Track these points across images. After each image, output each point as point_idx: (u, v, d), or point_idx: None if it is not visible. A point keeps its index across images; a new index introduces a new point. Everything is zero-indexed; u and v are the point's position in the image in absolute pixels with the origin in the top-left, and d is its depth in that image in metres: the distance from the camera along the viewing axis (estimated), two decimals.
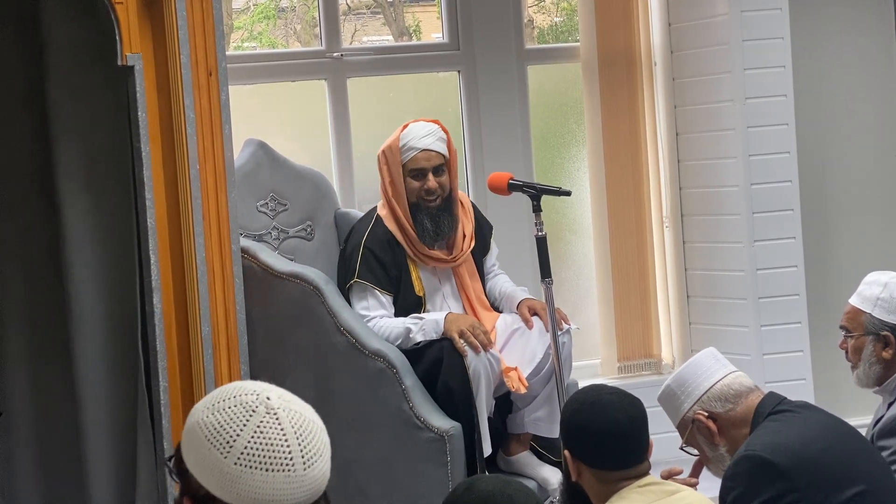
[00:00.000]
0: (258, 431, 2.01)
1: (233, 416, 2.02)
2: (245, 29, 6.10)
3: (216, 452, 2.00)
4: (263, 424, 2.01)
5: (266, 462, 1.99)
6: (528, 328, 4.79)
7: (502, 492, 2.41)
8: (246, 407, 2.03)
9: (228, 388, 2.08)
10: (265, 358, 4.65)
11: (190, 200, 4.06)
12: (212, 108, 4.11)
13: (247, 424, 2.01)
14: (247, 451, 2.00)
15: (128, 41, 4.01)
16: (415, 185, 4.79)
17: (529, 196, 4.60)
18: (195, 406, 2.08)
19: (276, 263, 4.72)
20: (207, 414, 2.04)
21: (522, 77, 6.03)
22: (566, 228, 6.24)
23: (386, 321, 4.70)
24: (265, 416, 2.02)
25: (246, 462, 1.99)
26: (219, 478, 1.99)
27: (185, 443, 2.05)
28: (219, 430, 2.02)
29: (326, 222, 5.19)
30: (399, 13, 6.25)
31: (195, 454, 2.02)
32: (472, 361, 4.55)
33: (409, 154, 4.78)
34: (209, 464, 2.00)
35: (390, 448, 4.57)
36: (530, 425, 4.83)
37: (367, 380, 4.57)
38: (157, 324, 4.07)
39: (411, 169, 4.78)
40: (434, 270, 4.87)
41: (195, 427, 2.04)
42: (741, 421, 3.37)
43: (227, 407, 2.03)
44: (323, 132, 5.82)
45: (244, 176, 4.86)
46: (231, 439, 2.00)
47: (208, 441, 2.01)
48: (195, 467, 2.02)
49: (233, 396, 2.05)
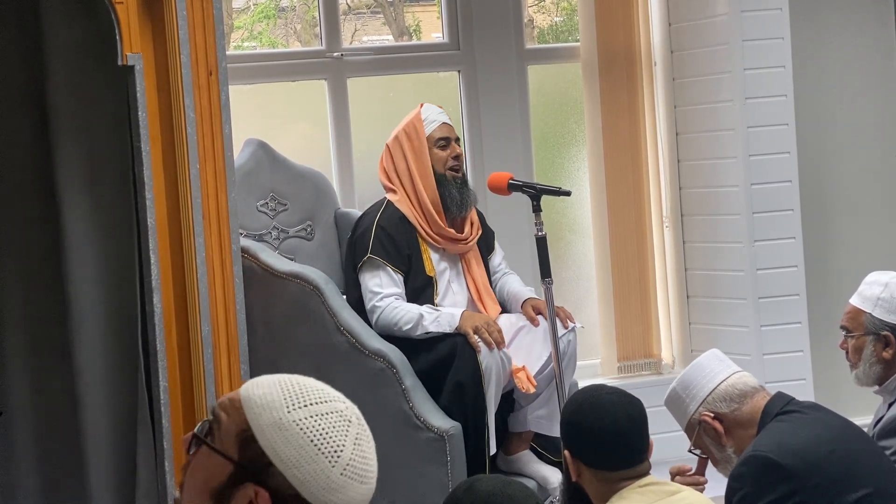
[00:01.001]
0: (357, 444, 1.99)
1: (335, 425, 1.98)
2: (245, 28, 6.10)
3: (324, 460, 1.96)
4: (360, 437, 2.00)
5: (363, 475, 1.98)
6: (533, 326, 4.82)
7: (503, 492, 2.41)
8: (342, 416, 2.00)
9: (306, 384, 2.02)
10: (265, 358, 4.64)
11: (190, 200, 4.06)
12: (212, 108, 4.11)
13: (348, 435, 1.98)
14: (352, 463, 1.97)
15: (128, 41, 4.01)
16: (442, 155, 4.86)
17: (529, 196, 4.61)
18: (268, 400, 1.99)
19: (276, 263, 4.72)
20: (305, 417, 1.98)
21: (522, 77, 6.03)
22: (566, 228, 6.24)
23: (401, 303, 4.71)
24: (359, 427, 2.01)
25: (350, 474, 1.97)
26: (324, 485, 1.96)
27: (273, 438, 1.97)
28: (325, 437, 1.97)
29: (326, 222, 5.19)
30: (399, 13, 6.25)
31: (293, 454, 1.96)
32: (486, 359, 4.56)
33: (432, 126, 4.90)
34: (314, 469, 1.96)
35: (390, 448, 4.57)
36: (533, 423, 4.84)
37: (367, 379, 4.57)
38: (158, 323, 4.07)
39: (438, 138, 4.89)
40: (444, 254, 4.89)
41: (292, 427, 1.98)
42: (748, 421, 3.36)
43: (324, 412, 1.99)
44: (323, 132, 5.82)
45: (244, 176, 4.86)
46: (339, 448, 1.97)
47: (315, 446, 1.96)
48: (292, 468, 1.96)
49: (324, 402, 2.00)
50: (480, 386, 4.56)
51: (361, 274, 4.77)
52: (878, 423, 3.73)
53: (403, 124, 4.93)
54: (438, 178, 4.85)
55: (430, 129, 4.89)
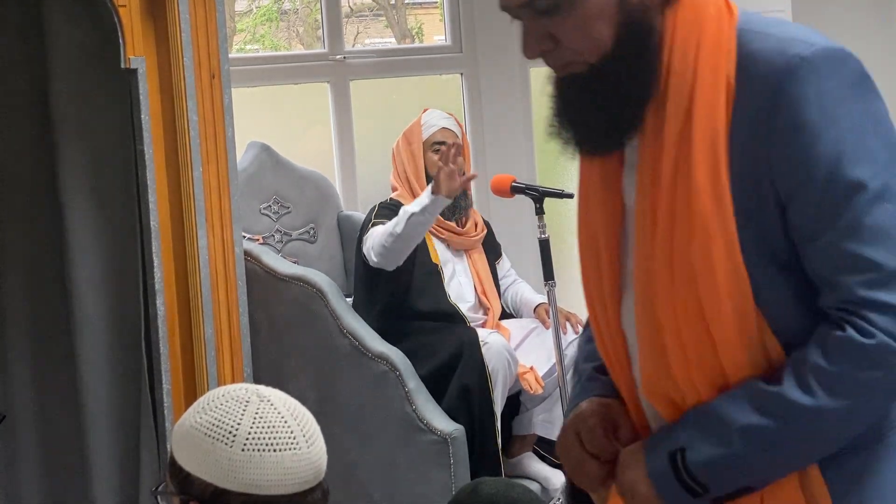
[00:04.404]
0: (258, 417, 2.05)
1: (228, 410, 2.06)
2: (248, 31, 6.10)
3: (221, 444, 2.03)
4: (261, 410, 2.06)
5: (272, 443, 2.04)
6: (545, 328, 4.86)
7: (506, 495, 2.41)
8: (238, 400, 2.07)
9: (212, 393, 2.12)
10: (268, 360, 4.65)
11: (193, 203, 4.06)
12: (215, 111, 4.11)
13: (245, 413, 2.05)
14: (251, 435, 2.03)
15: (131, 44, 4.01)
16: (436, 159, 4.87)
17: (532, 199, 4.61)
18: (179, 421, 2.11)
19: (279, 266, 4.72)
20: (199, 416, 2.07)
21: (525, 79, 6.03)
22: (569, 231, 6.24)
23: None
24: (259, 403, 2.07)
25: (253, 446, 2.03)
26: (228, 468, 2.02)
27: (180, 450, 2.06)
28: (217, 424, 2.05)
29: (329, 225, 5.20)
30: (401, 15, 6.26)
31: (196, 454, 2.04)
32: (492, 361, 4.59)
33: (430, 130, 4.99)
34: (215, 457, 2.02)
35: (393, 451, 4.57)
36: (538, 426, 4.85)
37: (370, 382, 4.57)
38: (161, 326, 4.07)
39: (433, 143, 4.96)
40: (448, 245, 4.97)
41: (190, 430, 2.06)
42: None
43: (218, 405, 2.07)
44: (326, 135, 5.82)
45: (247, 179, 4.87)
46: (233, 428, 2.04)
47: (209, 437, 2.03)
48: (199, 467, 2.03)
49: (220, 396, 2.10)
50: (487, 388, 4.58)
51: (364, 242, 4.78)
52: None
53: (405, 130, 5.04)
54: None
55: (427, 133, 4.98)
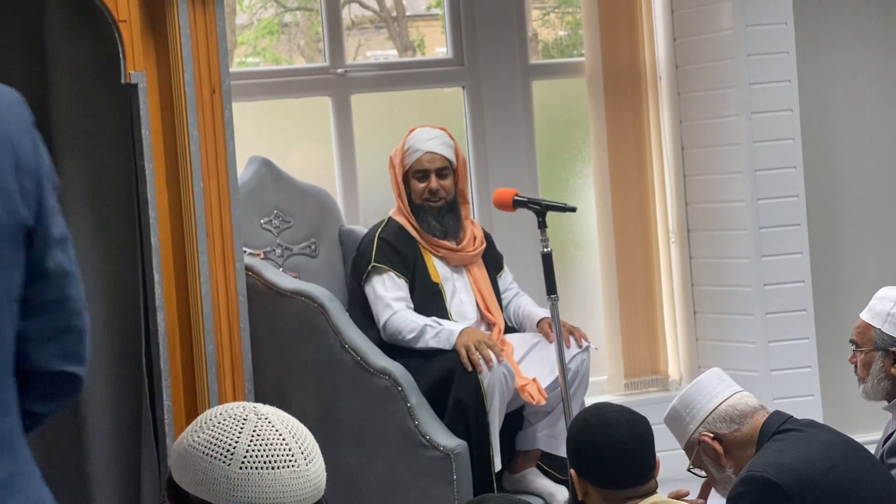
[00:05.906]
0: (255, 434, 2.04)
1: (226, 428, 2.05)
2: (249, 44, 6.09)
3: (218, 463, 2.02)
4: (259, 428, 2.05)
5: (270, 461, 2.02)
6: (548, 342, 4.81)
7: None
8: (236, 418, 2.06)
9: (209, 411, 2.10)
10: (269, 376, 4.63)
11: (194, 218, 4.06)
12: (215, 126, 4.11)
13: (242, 431, 2.04)
14: (249, 454, 2.02)
15: (131, 59, 4.01)
16: (419, 187, 4.88)
17: (535, 212, 4.59)
18: (177, 440, 2.10)
19: (280, 281, 4.71)
20: (197, 435, 2.06)
21: (527, 92, 6.02)
22: (572, 244, 6.23)
23: (409, 313, 4.73)
24: (257, 421, 2.06)
25: (250, 464, 2.01)
26: (226, 487, 2.00)
27: (178, 469, 2.05)
28: (215, 442, 2.04)
29: (331, 239, 5.18)
30: (403, 28, 6.25)
31: (194, 474, 2.02)
32: (487, 377, 4.55)
33: (413, 156, 4.90)
34: (213, 476, 2.01)
35: (396, 466, 4.55)
36: (542, 441, 4.82)
37: (372, 397, 4.55)
38: (161, 342, 4.06)
39: (415, 171, 4.89)
40: (447, 263, 4.93)
41: (187, 450, 2.05)
42: (747, 441, 3.34)
43: (216, 423, 2.06)
44: (327, 149, 5.81)
45: (248, 193, 4.86)
46: (231, 447, 2.03)
47: (207, 455, 2.02)
48: (197, 487, 2.02)
49: (218, 414, 2.08)
50: (482, 404, 4.55)
51: (367, 284, 4.80)
52: (887, 441, 3.71)
53: (396, 147, 4.98)
54: (415, 207, 4.89)
55: (410, 159, 4.90)
